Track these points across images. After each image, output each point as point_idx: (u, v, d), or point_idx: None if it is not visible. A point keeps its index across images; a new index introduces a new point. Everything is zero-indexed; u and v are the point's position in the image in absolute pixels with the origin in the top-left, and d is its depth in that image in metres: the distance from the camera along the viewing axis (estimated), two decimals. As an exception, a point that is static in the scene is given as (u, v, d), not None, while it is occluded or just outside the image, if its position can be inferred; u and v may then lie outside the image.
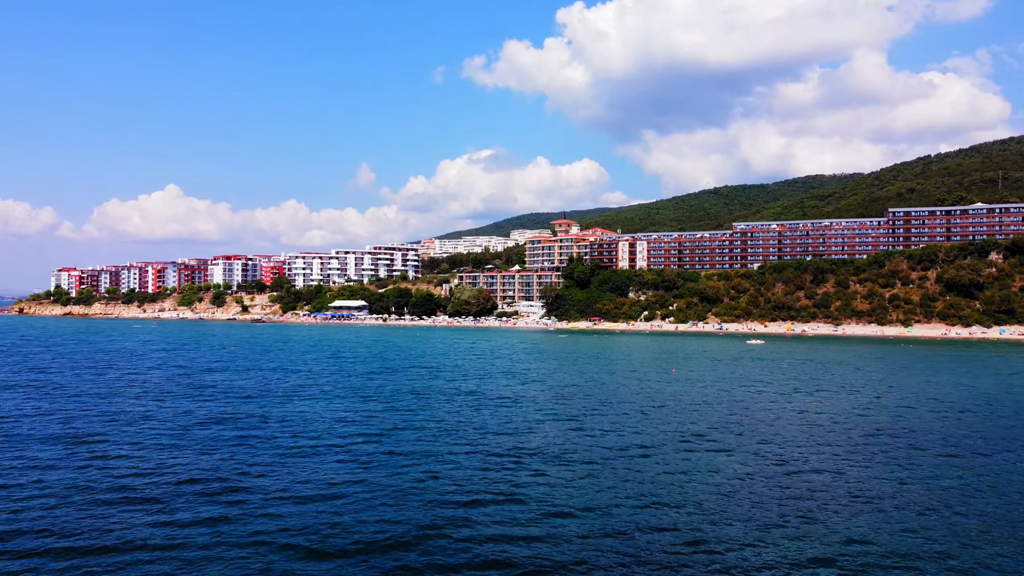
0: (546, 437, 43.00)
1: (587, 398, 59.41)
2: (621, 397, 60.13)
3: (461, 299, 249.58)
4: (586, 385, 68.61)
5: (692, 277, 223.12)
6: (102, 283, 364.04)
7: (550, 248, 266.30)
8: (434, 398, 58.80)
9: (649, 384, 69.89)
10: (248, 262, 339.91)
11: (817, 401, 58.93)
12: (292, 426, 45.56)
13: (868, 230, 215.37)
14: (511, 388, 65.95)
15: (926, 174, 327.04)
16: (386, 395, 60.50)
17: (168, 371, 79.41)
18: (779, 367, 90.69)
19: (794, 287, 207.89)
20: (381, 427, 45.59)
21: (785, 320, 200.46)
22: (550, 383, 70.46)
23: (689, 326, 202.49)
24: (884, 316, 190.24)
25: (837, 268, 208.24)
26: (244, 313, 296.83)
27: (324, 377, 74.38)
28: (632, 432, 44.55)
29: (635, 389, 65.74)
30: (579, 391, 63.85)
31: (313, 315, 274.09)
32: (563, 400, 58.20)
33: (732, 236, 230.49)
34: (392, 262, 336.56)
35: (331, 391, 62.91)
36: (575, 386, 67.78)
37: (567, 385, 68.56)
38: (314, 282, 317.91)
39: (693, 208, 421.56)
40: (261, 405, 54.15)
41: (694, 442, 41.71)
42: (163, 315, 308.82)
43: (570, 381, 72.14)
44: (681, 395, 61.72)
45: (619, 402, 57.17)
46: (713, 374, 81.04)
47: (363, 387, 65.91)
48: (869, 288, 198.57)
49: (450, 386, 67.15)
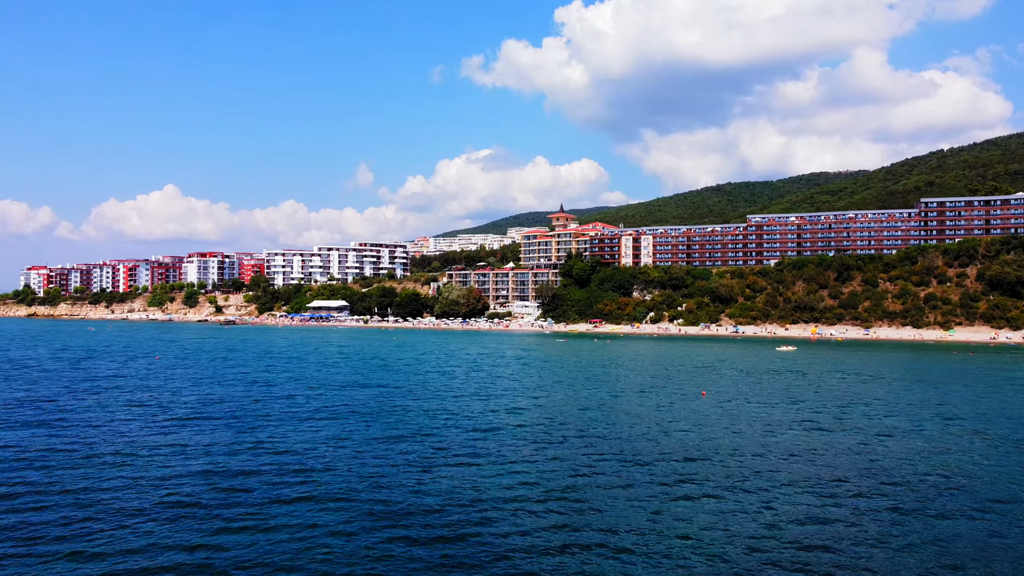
0: (516, 545, 22.23)
1: (589, 446, 38.66)
2: (640, 447, 39.33)
3: (449, 299, 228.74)
4: (587, 420, 47.87)
5: (703, 275, 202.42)
6: (72, 282, 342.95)
7: (547, 244, 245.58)
8: (356, 446, 38.06)
9: (675, 418, 49.12)
10: (225, 260, 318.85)
11: (932, 448, 38.18)
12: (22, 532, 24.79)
13: (897, 222, 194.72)
14: (478, 428, 45.23)
15: (943, 168, 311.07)
16: (282, 443, 39.72)
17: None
18: (833, 385, 69.93)
19: (816, 285, 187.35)
20: (249, 503, 24.78)
21: (808, 322, 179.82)
22: (536, 415, 49.74)
23: (700, 329, 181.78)
24: (920, 318, 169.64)
25: (864, 264, 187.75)
26: (218, 314, 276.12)
27: (213, 407, 53.52)
28: (681, 550, 23.74)
29: (657, 427, 44.99)
30: (576, 429, 43.18)
31: (290, 316, 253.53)
32: (549, 449, 37.49)
33: (746, 230, 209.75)
34: (379, 260, 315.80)
35: (201, 433, 42.06)
36: (570, 423, 47.04)
37: (559, 421, 47.81)
38: (294, 281, 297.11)
39: (696, 205, 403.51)
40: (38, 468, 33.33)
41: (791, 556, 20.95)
42: (132, 316, 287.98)
43: (564, 411, 51.41)
44: (726, 439, 40.94)
45: (637, 458, 36.36)
46: (754, 398, 60.27)
47: (257, 424, 45.11)
48: (901, 286, 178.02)
49: (393, 424, 46.43)
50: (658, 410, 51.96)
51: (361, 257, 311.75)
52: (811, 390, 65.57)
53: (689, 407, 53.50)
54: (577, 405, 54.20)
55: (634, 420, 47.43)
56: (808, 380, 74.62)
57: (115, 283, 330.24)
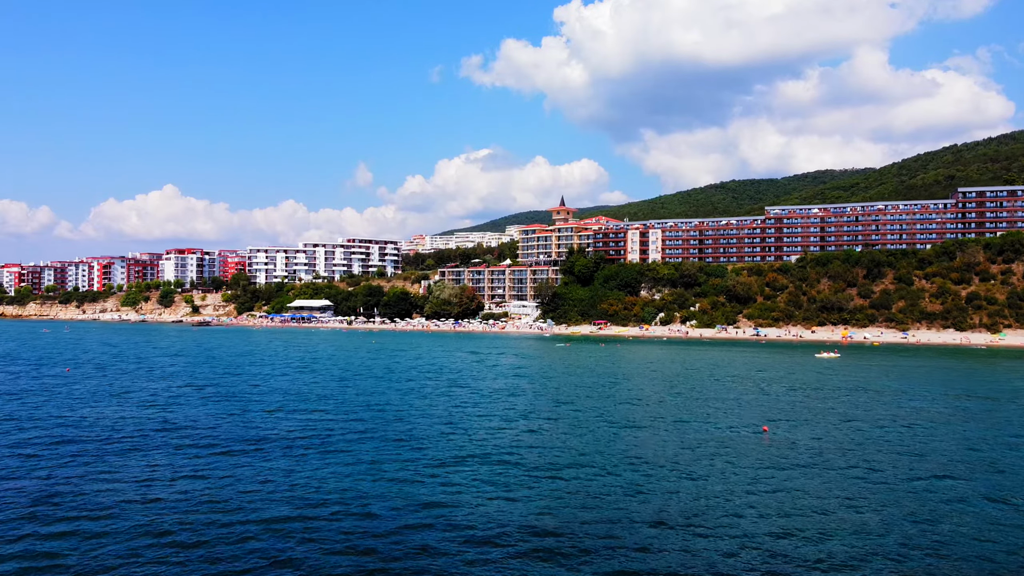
0: None
1: (629, 559, 20.87)
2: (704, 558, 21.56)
3: (440, 298, 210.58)
4: (612, 489, 30.10)
5: (717, 272, 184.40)
6: (44, 280, 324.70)
7: (546, 239, 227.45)
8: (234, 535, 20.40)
9: (753, 486, 31.28)
10: (205, 257, 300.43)
11: None
12: None
13: (932, 214, 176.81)
14: (426, 506, 27.49)
15: (960, 162, 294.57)
16: (85, 499, 22.02)
17: None
18: (931, 411, 52.15)
19: (843, 283, 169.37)
20: None
21: (835, 324, 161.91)
22: (528, 473, 31.92)
23: (717, 331, 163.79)
24: (963, 319, 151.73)
25: (896, 260, 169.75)
26: (194, 314, 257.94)
27: (67, 442, 35.77)
28: None
29: (733, 511, 27.20)
30: (599, 519, 25.43)
31: (270, 317, 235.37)
32: (541, 556, 19.75)
33: (764, 223, 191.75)
34: (368, 257, 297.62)
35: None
36: (585, 495, 29.32)
37: (566, 490, 30.03)
38: (278, 279, 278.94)
39: (700, 203, 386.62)
40: None
41: None
42: (103, 316, 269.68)
43: (572, 462, 33.58)
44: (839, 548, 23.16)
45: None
46: (835, 436, 42.54)
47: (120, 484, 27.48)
48: (939, 284, 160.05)
49: (283, 487, 28.83)
50: (717, 464, 34.04)
51: (349, 254, 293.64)
52: (902, 421, 47.72)
53: (755, 455, 35.66)
54: (592, 447, 36.37)
55: (691, 495, 29.56)
56: (883, 402, 56.83)
57: (90, 282, 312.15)
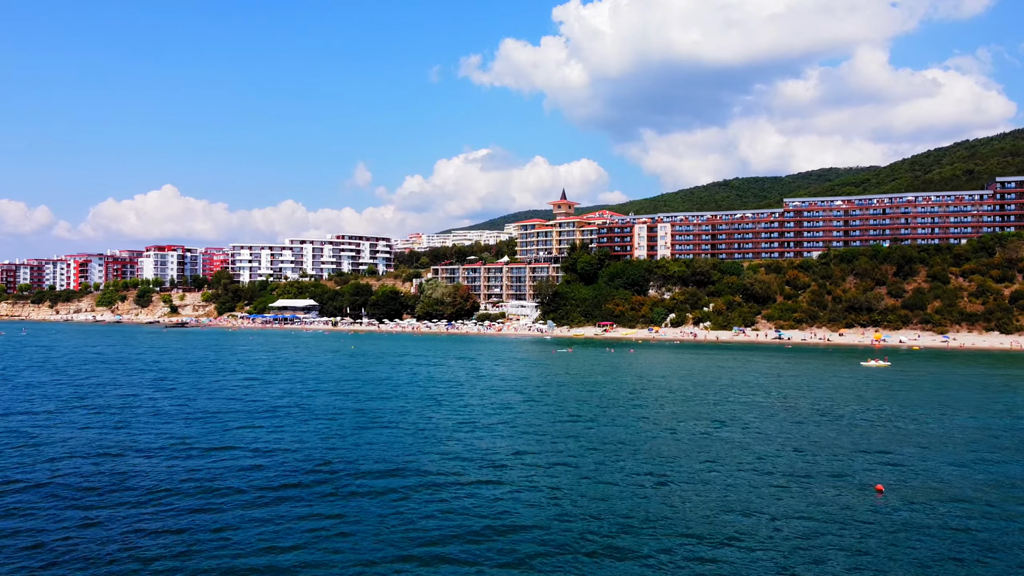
0: None
1: None
2: None
3: (433, 298, 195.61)
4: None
5: (733, 269, 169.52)
6: (20, 279, 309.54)
7: (546, 235, 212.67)
8: None
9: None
10: (186, 254, 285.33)
11: None
12: None
13: (967, 206, 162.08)
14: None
15: (976, 156, 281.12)
16: None
17: None
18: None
19: (872, 281, 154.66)
20: None
21: (865, 325, 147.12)
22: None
23: (735, 334, 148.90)
24: (1008, 321, 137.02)
25: (929, 256, 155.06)
26: (173, 314, 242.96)
27: None
28: None
29: None
30: None
31: (251, 318, 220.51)
32: None
33: (783, 216, 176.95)
34: (358, 254, 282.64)
35: None
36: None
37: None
38: (262, 277, 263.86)
39: (703, 201, 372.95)
40: None
41: None
42: (77, 317, 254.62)
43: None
44: None
45: None
46: (951, 483, 27.62)
47: None
48: (978, 283, 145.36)
49: None
50: (830, 548, 19.18)
51: (339, 251, 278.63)
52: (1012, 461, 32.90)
53: (880, 532, 20.74)
54: (626, 546, 21.49)
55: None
56: (990, 429, 41.95)
57: (67, 280, 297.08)
